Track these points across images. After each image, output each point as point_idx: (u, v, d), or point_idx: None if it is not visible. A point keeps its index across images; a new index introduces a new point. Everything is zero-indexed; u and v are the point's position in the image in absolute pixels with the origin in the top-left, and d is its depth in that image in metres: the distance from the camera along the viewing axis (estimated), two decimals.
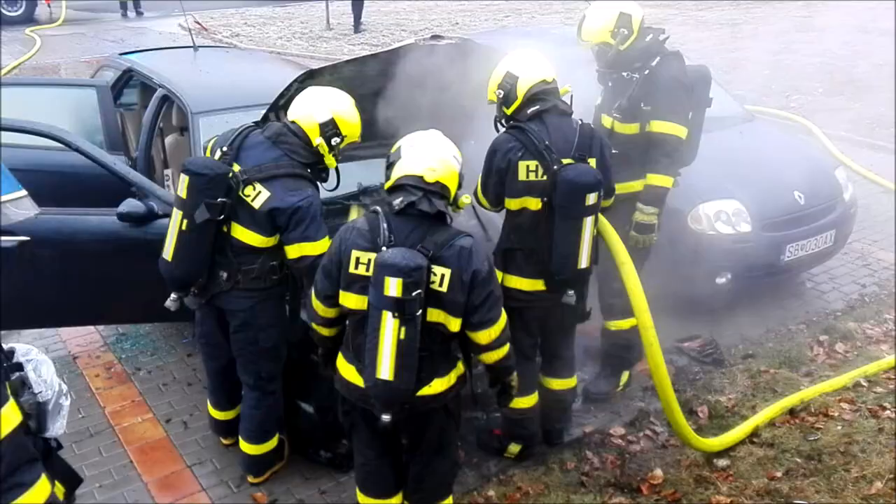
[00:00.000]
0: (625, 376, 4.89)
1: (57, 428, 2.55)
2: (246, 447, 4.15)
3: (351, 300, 3.15)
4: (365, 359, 3.06)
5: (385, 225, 3.09)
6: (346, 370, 3.26)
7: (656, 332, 4.06)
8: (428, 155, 3.18)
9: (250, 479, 4.22)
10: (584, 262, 3.91)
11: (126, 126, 6.40)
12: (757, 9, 17.68)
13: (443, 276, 3.05)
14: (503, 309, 3.24)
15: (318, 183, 3.95)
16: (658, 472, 4.18)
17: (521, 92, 3.89)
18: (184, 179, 3.70)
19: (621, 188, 4.43)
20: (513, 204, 3.96)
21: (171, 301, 3.95)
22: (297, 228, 3.72)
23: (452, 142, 3.39)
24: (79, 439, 4.60)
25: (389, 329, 2.97)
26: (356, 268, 3.10)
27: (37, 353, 2.53)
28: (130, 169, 4.88)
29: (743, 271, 5.43)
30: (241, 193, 3.73)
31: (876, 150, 8.91)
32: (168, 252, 3.80)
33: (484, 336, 3.19)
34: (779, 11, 17.18)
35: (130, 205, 4.46)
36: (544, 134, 3.83)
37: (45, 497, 2.29)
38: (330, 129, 3.81)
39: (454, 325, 3.14)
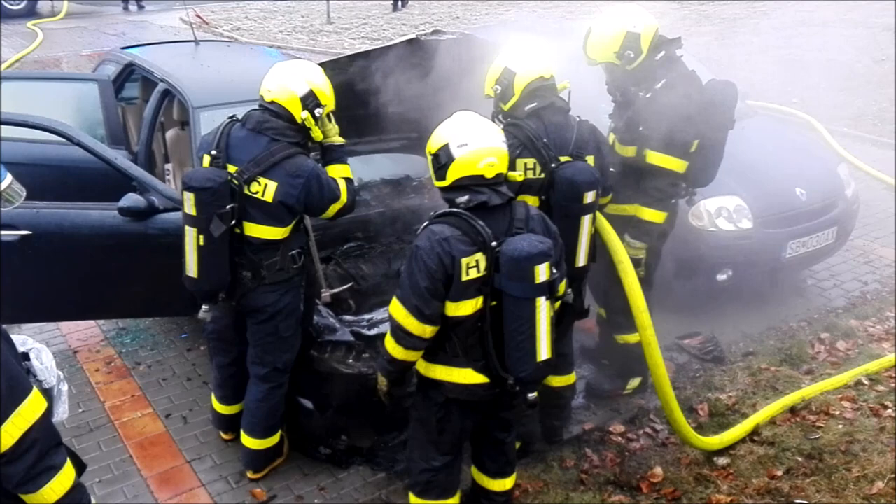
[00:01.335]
0: (635, 382, 4.86)
1: (60, 413, 2.59)
2: (249, 441, 4.15)
3: (468, 306, 3.11)
4: (511, 354, 3.08)
5: (480, 223, 3.07)
6: (461, 374, 3.23)
7: (656, 329, 4.06)
8: (484, 150, 3.13)
9: (250, 474, 4.22)
10: (581, 261, 3.91)
11: (127, 120, 6.39)
12: (759, 4, 17.63)
13: None
14: None
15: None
16: (658, 470, 4.18)
17: (518, 88, 3.87)
18: (189, 197, 3.67)
19: (615, 209, 4.40)
20: None
21: (203, 313, 3.97)
22: (319, 199, 3.80)
23: None
24: (78, 434, 4.60)
25: (544, 312, 3.04)
26: (468, 274, 3.06)
27: (33, 342, 2.56)
28: (132, 163, 4.88)
29: (744, 268, 5.43)
30: (247, 192, 3.73)
31: (878, 147, 8.89)
32: (192, 269, 3.78)
33: (562, 287, 3.32)
34: (781, 6, 17.12)
35: (131, 199, 4.46)
36: (542, 131, 3.82)
37: (73, 479, 2.40)
38: (311, 100, 3.79)
39: None
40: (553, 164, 3.79)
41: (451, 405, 3.31)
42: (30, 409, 2.28)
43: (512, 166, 3.82)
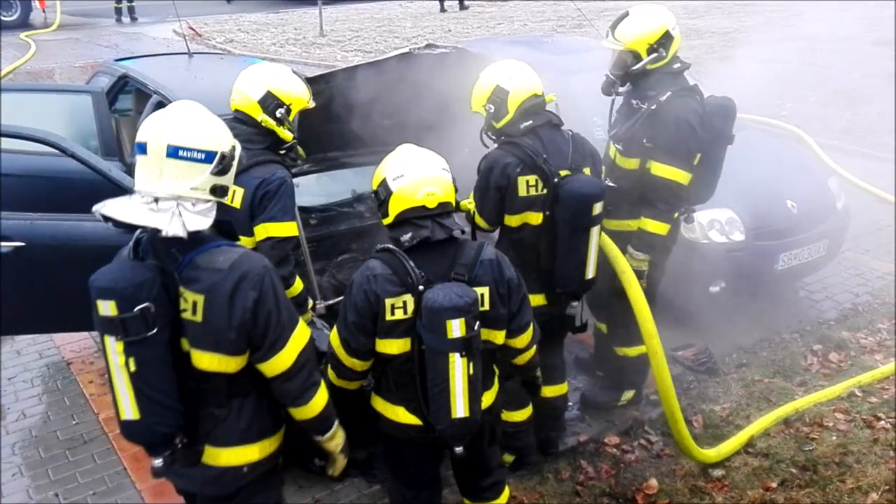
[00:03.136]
0: (629, 394, 4.87)
1: None
2: None
3: (394, 346, 3.01)
4: (429, 403, 2.97)
5: (411, 263, 2.95)
6: (394, 412, 3.14)
7: None
8: (422, 180, 3.00)
9: None
10: (591, 273, 3.90)
11: (121, 132, 6.38)
12: (749, 18, 17.76)
13: (482, 295, 3.00)
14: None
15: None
16: (653, 481, 4.19)
17: (512, 107, 3.83)
18: None
19: (617, 225, 4.40)
20: (513, 220, 3.91)
21: None
22: (264, 209, 3.65)
23: (447, 150, 3.35)
24: (72, 446, 4.59)
25: (459, 369, 2.88)
26: (393, 314, 2.95)
27: None
28: (125, 175, 4.86)
29: (736, 280, 5.44)
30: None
31: (868, 160, 8.94)
32: None
33: (522, 340, 3.20)
34: (770, 20, 17.25)
35: None
36: (540, 147, 3.81)
37: (327, 393, 2.83)
38: (269, 101, 3.71)
39: (500, 337, 3.13)
40: (555, 179, 3.79)
41: (393, 439, 3.24)
42: (301, 333, 2.69)
43: (514, 185, 3.81)
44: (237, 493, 2.79)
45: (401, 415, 3.13)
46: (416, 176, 3.01)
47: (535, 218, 3.87)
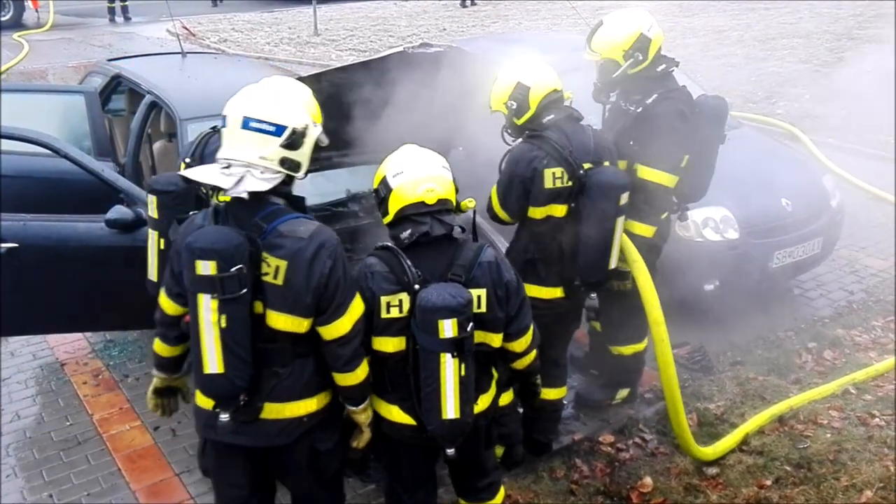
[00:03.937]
0: (623, 393, 4.87)
1: None
2: None
3: (389, 344, 3.02)
4: (421, 402, 2.98)
5: (408, 262, 2.97)
6: (389, 411, 3.13)
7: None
8: (421, 176, 3.01)
9: None
10: (613, 262, 3.97)
11: (114, 132, 6.37)
12: (743, 16, 17.78)
13: (479, 297, 3.00)
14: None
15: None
16: (647, 480, 4.19)
17: (533, 102, 3.88)
18: (152, 200, 3.69)
19: None
20: (537, 213, 3.94)
21: None
22: None
23: (442, 149, 3.35)
24: (66, 447, 4.58)
25: (450, 370, 2.89)
26: (388, 312, 2.97)
27: None
28: (119, 175, 4.86)
29: (731, 278, 5.44)
30: (215, 199, 3.71)
31: (863, 157, 8.95)
32: (153, 273, 3.77)
33: (520, 344, 3.20)
34: (765, 18, 17.28)
35: (119, 211, 4.45)
36: (565, 140, 3.86)
37: (367, 367, 3.02)
38: None
39: (497, 340, 3.12)
40: (581, 172, 3.84)
41: (389, 438, 3.22)
42: (358, 304, 2.91)
43: (540, 177, 3.84)
44: (298, 440, 2.99)
45: (395, 414, 3.13)
46: (416, 173, 3.03)
47: (560, 210, 3.91)
